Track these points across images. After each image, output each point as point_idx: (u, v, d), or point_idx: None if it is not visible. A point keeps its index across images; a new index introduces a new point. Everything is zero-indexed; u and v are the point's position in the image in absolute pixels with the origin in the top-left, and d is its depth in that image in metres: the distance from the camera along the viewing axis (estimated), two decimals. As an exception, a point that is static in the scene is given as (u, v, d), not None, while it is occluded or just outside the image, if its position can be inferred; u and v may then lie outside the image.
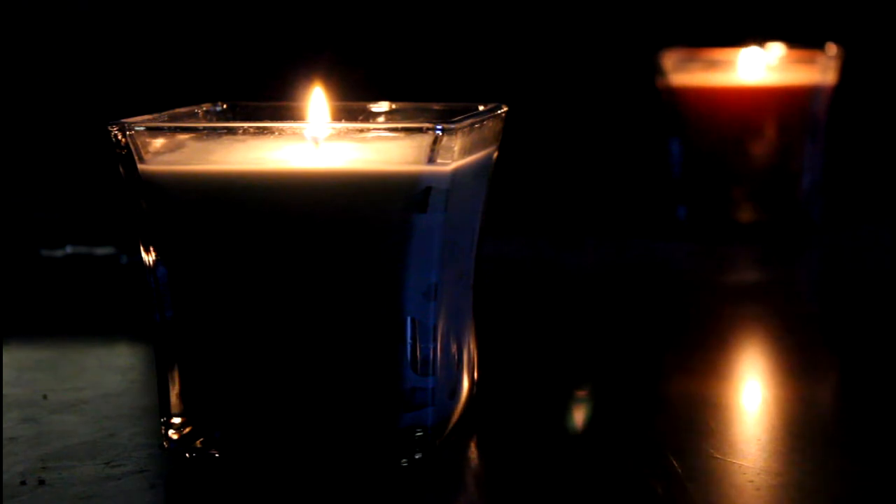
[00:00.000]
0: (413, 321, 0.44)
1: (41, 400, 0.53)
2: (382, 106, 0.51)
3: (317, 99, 0.49)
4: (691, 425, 0.48)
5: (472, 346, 0.49)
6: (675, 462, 0.44)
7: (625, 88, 1.02)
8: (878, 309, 0.69)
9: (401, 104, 0.51)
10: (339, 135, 0.44)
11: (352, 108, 0.51)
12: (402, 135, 0.43)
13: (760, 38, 0.91)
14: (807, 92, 0.89)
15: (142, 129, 0.44)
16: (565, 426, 0.50)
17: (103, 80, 0.99)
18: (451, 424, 0.46)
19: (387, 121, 0.49)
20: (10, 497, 0.42)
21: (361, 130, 0.44)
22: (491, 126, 0.47)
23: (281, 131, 0.44)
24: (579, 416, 0.51)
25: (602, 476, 0.44)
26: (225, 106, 0.51)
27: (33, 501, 0.42)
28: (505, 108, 0.48)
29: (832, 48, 0.90)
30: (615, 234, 0.89)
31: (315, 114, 0.49)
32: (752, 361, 0.60)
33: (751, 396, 0.54)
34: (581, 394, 0.54)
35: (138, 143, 0.44)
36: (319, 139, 0.44)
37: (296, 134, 0.44)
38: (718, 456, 0.45)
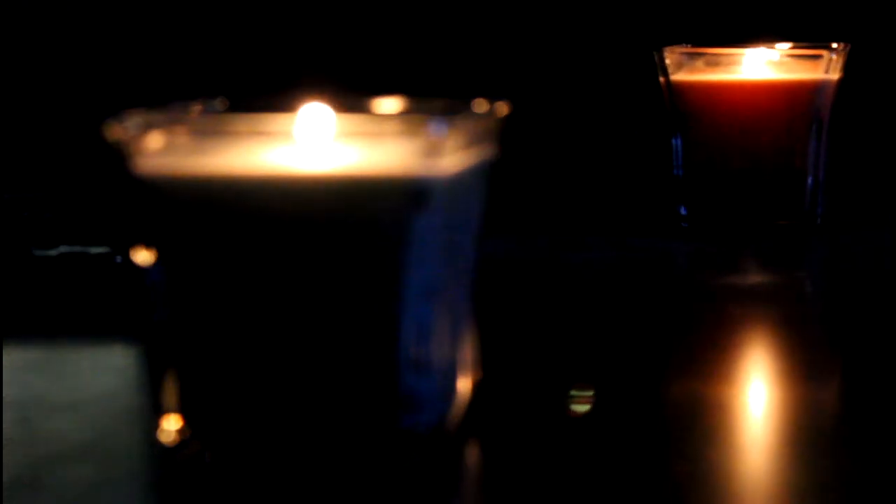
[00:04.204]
0: (413, 321, 0.44)
1: (35, 401, 0.52)
2: (381, 105, 0.51)
3: (315, 99, 0.49)
4: (692, 426, 0.48)
5: (472, 346, 0.48)
6: (676, 463, 0.44)
7: (626, 86, 1.01)
8: (881, 309, 0.69)
9: (400, 104, 0.51)
10: (337, 135, 0.44)
11: (350, 107, 0.50)
12: (401, 135, 0.43)
13: (764, 35, 0.91)
14: (811, 89, 0.89)
15: (138, 128, 0.44)
16: (565, 426, 0.49)
17: (99, 79, 0.99)
18: (451, 424, 0.46)
19: (386, 121, 0.49)
20: (4, 499, 0.42)
21: (360, 131, 0.44)
22: (491, 125, 0.47)
23: (279, 132, 0.44)
24: (580, 417, 0.51)
25: (602, 477, 0.44)
26: (222, 105, 0.51)
27: (27, 504, 0.42)
28: (505, 108, 0.48)
29: (837, 45, 0.89)
30: (615, 234, 0.89)
31: (313, 114, 0.48)
32: (753, 362, 0.60)
33: (752, 397, 0.54)
34: (581, 394, 0.53)
35: (134, 142, 0.44)
36: (317, 140, 0.44)
37: (294, 134, 0.44)
38: (720, 457, 0.45)
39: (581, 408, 0.52)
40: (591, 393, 0.53)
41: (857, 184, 1.02)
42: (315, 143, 0.44)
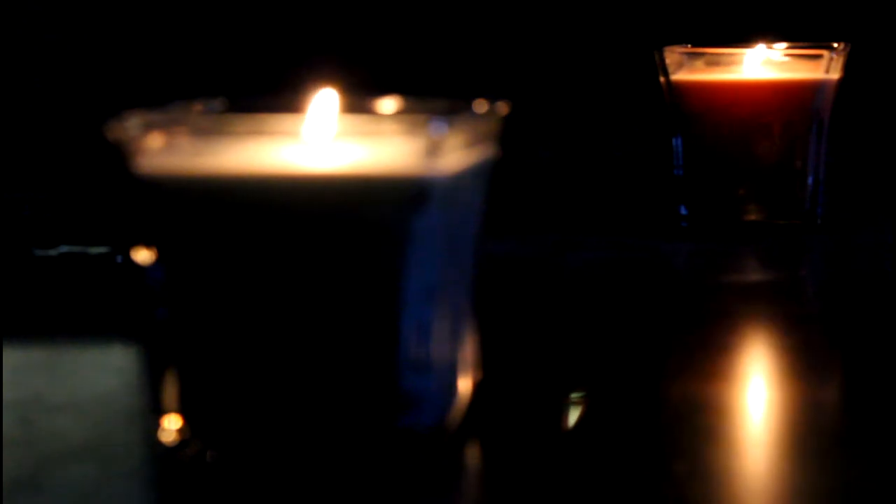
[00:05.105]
0: (413, 321, 0.43)
1: (35, 401, 0.52)
2: (381, 105, 0.51)
3: (315, 99, 0.49)
4: (692, 426, 0.48)
5: (473, 346, 0.48)
6: (676, 463, 0.44)
7: (627, 86, 1.01)
8: (881, 309, 0.69)
9: (400, 103, 0.51)
10: (338, 135, 0.44)
11: (350, 107, 0.50)
12: (401, 135, 0.43)
13: (764, 35, 0.91)
14: (811, 89, 0.89)
15: (139, 128, 0.43)
16: (566, 427, 0.49)
17: (99, 79, 0.98)
18: (451, 424, 0.46)
19: (386, 120, 0.49)
20: (4, 499, 0.42)
21: (360, 130, 0.44)
22: (491, 125, 0.47)
23: (279, 131, 0.44)
24: (580, 417, 0.51)
25: (603, 477, 0.44)
26: (223, 104, 0.51)
27: (28, 504, 0.42)
28: (505, 107, 0.48)
29: (837, 45, 0.89)
30: (615, 234, 0.89)
31: (314, 114, 0.48)
32: (753, 361, 0.60)
33: (752, 396, 0.54)
34: (581, 395, 0.53)
35: (135, 142, 0.43)
36: (318, 139, 0.44)
37: (294, 134, 0.44)
38: (719, 456, 0.45)
39: (576, 413, 0.52)
40: (583, 396, 0.53)
41: (857, 184, 1.02)
42: (315, 142, 0.44)
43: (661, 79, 0.91)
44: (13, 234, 0.86)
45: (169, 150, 0.44)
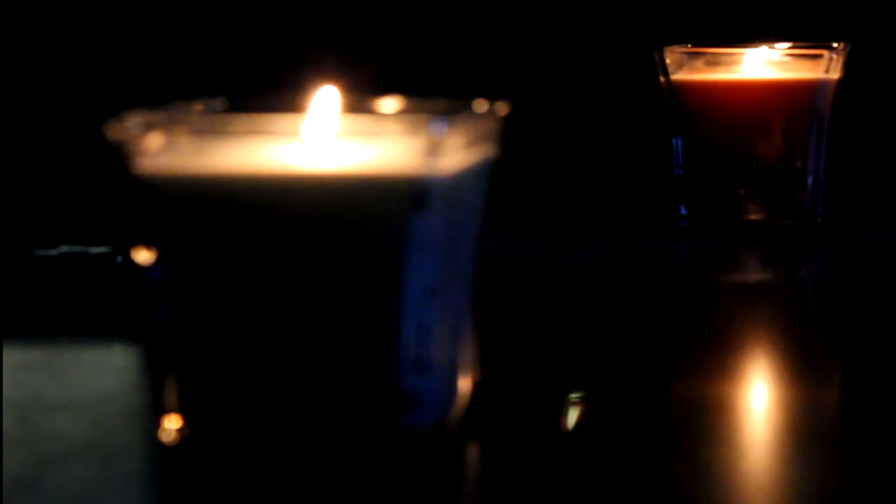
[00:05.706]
0: (413, 321, 0.43)
1: (35, 401, 0.52)
2: (381, 105, 0.51)
3: (316, 99, 0.49)
4: (693, 426, 0.48)
5: (472, 346, 0.48)
6: (676, 463, 0.44)
7: (627, 86, 1.01)
8: (881, 309, 0.69)
9: (400, 103, 0.51)
10: (338, 135, 0.44)
11: (350, 107, 0.50)
12: (401, 135, 0.43)
13: (764, 35, 0.91)
14: (811, 89, 0.89)
15: (138, 128, 0.43)
16: (566, 426, 0.49)
17: (99, 79, 0.98)
18: (451, 424, 0.46)
19: (386, 120, 0.49)
20: (4, 499, 0.42)
21: (361, 130, 0.44)
22: (491, 125, 0.47)
23: (279, 131, 0.44)
24: (580, 417, 0.51)
25: (603, 477, 0.44)
26: (222, 105, 0.51)
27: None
28: (505, 107, 0.48)
29: (837, 45, 0.89)
30: (615, 234, 0.89)
31: (314, 114, 0.48)
32: (753, 361, 0.60)
33: (752, 396, 0.54)
34: (581, 394, 0.53)
35: (135, 142, 0.43)
36: (318, 139, 0.44)
37: (294, 134, 0.44)
38: (720, 457, 0.45)
39: (576, 413, 0.52)
40: (583, 396, 0.53)
41: (857, 184, 1.02)
42: (315, 142, 0.44)
43: (661, 79, 0.90)
44: (13, 234, 0.86)
45: (169, 150, 0.44)
